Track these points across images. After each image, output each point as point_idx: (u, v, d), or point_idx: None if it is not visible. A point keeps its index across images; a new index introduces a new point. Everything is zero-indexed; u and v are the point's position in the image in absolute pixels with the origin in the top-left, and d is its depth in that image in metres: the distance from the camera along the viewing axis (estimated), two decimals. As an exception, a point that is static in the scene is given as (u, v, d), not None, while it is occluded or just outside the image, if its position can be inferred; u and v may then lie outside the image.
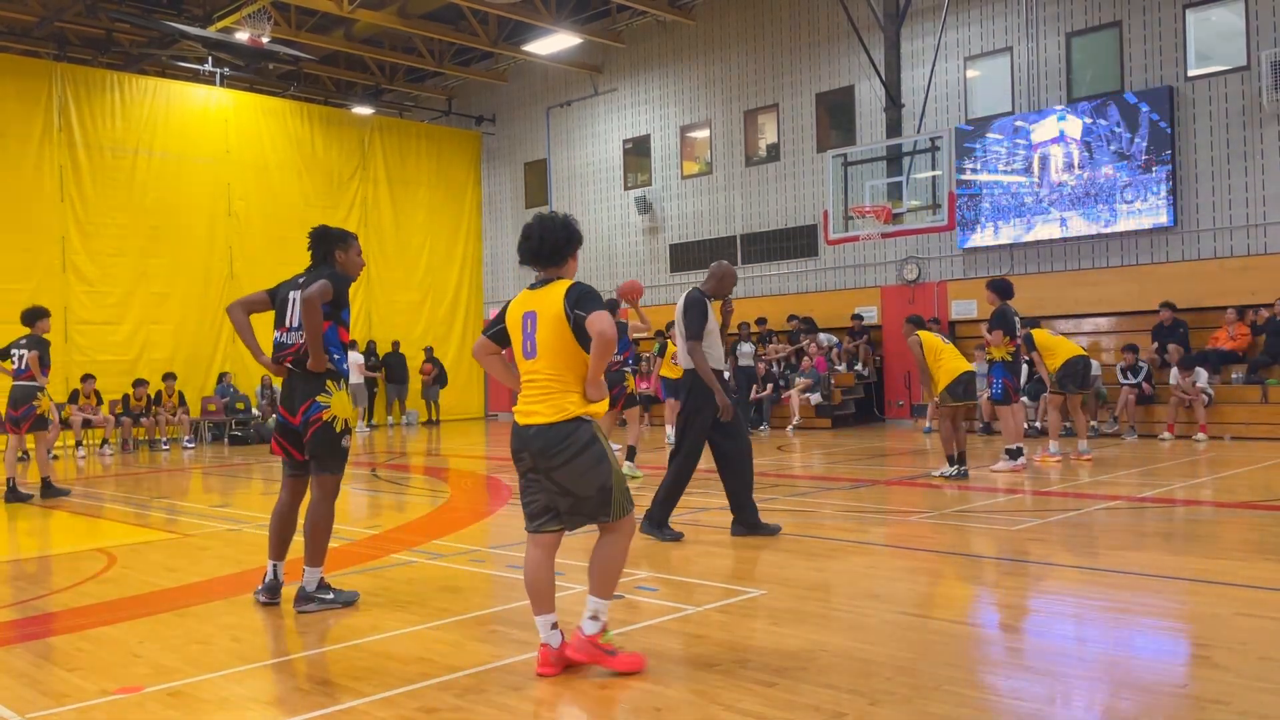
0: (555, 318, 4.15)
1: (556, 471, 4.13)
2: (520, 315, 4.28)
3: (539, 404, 4.17)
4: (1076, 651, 4.42)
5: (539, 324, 4.19)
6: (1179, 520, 7.94)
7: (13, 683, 4.30)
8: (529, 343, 4.22)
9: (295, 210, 22.26)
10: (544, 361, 4.18)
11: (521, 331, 4.26)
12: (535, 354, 4.20)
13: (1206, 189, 15.19)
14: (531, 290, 4.33)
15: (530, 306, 4.26)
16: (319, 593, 5.45)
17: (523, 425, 4.20)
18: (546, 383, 4.17)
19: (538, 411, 4.16)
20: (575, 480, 4.13)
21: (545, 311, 4.19)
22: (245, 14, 18.31)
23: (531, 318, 4.23)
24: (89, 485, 12.90)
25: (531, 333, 4.22)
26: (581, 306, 4.11)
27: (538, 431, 4.14)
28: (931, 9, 17.58)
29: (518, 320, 4.29)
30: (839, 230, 16.42)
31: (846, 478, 10.88)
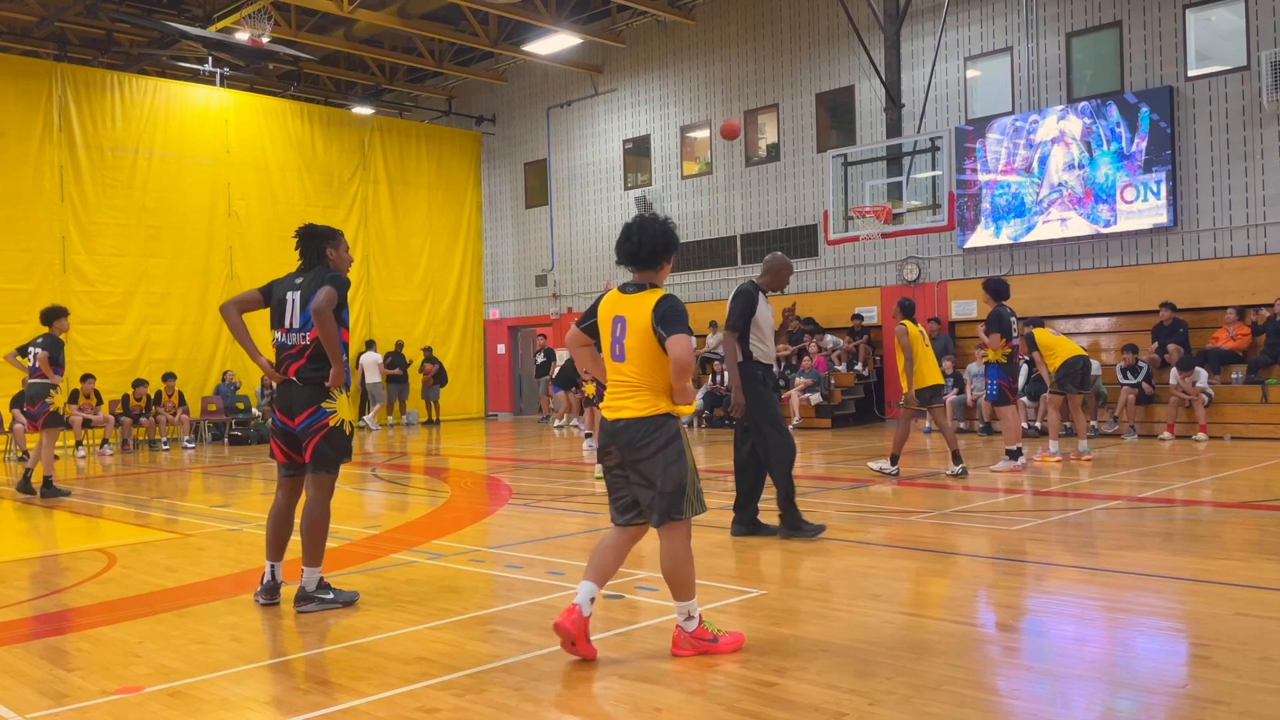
0: (644, 329, 4.34)
1: (642, 463, 4.34)
2: (610, 317, 4.48)
3: (628, 400, 4.38)
4: (1076, 651, 4.42)
5: (628, 331, 4.38)
6: (1179, 520, 7.93)
7: (13, 683, 4.30)
8: (618, 346, 4.43)
9: (295, 210, 22.22)
10: (632, 367, 4.38)
11: (611, 334, 4.46)
12: (624, 358, 4.40)
13: (1206, 189, 15.19)
14: (623, 293, 4.50)
15: (620, 310, 4.44)
16: (319, 592, 5.45)
17: (611, 420, 4.41)
18: (635, 384, 4.38)
19: (627, 407, 4.37)
20: (658, 473, 4.33)
21: (635, 320, 4.37)
22: (245, 14, 18.31)
23: (621, 323, 4.42)
24: (89, 485, 12.90)
25: (620, 337, 4.41)
26: (665, 325, 4.27)
27: (626, 425, 4.35)
28: (931, 9, 17.58)
29: (608, 321, 4.49)
30: (839, 230, 16.43)
31: (846, 478, 10.88)
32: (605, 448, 4.45)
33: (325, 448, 5.45)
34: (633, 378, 4.37)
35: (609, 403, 4.45)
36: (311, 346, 5.51)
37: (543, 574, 6.20)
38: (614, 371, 4.45)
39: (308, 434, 5.46)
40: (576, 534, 7.67)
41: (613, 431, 4.39)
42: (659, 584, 5.83)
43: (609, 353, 4.47)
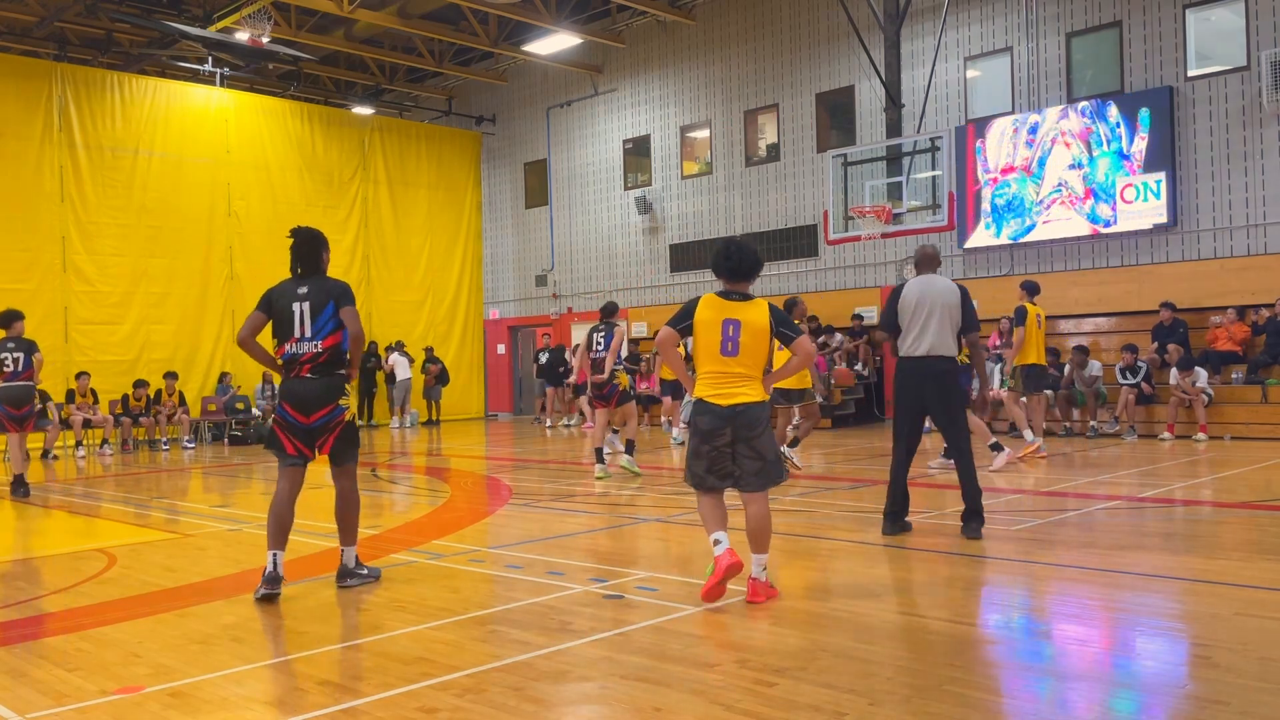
0: (761, 331, 5.28)
1: (757, 440, 5.23)
2: (719, 320, 5.28)
3: (743, 388, 5.24)
4: (1076, 651, 4.42)
5: (743, 331, 5.25)
6: (1179, 520, 7.93)
7: (13, 683, 4.30)
8: (730, 344, 5.27)
9: (295, 210, 22.24)
10: (745, 360, 5.27)
11: (721, 334, 5.27)
12: (737, 353, 5.27)
13: (1206, 189, 15.19)
14: (726, 300, 5.34)
15: (731, 315, 5.29)
16: (357, 569, 5.98)
17: (726, 406, 5.21)
18: (746, 375, 5.27)
19: (743, 393, 5.23)
20: (766, 446, 5.26)
21: (751, 323, 5.27)
22: (245, 14, 18.31)
23: (735, 325, 5.26)
24: (89, 485, 12.90)
25: (734, 336, 5.26)
26: (787, 328, 5.32)
27: (744, 409, 5.21)
28: (931, 9, 17.59)
29: (716, 323, 5.28)
30: (839, 230, 16.43)
31: (846, 478, 10.87)
32: (716, 430, 5.21)
33: (344, 438, 5.88)
34: (744, 369, 5.26)
35: (719, 391, 5.25)
36: (326, 353, 5.70)
37: (543, 574, 6.20)
38: (722, 364, 5.27)
39: (326, 429, 5.77)
40: (576, 534, 7.67)
41: (730, 415, 5.20)
42: (659, 584, 5.83)
43: (719, 349, 5.26)
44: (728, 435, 5.21)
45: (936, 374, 6.93)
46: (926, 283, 7.11)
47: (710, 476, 5.33)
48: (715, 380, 5.27)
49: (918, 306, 6.98)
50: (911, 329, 6.98)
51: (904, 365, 7.07)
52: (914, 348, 6.97)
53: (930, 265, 7.29)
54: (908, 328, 7.00)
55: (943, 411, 6.99)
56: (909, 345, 7.00)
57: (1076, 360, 14.93)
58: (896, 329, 7.09)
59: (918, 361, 6.97)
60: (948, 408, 6.97)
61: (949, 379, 6.96)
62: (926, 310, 6.94)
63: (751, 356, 5.26)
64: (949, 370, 6.97)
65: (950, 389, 6.96)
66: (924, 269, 7.28)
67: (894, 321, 7.11)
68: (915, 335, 6.96)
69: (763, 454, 5.24)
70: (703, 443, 5.28)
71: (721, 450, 5.25)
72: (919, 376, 6.96)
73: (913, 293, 7.04)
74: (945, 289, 7.04)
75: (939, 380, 6.93)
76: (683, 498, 9.68)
